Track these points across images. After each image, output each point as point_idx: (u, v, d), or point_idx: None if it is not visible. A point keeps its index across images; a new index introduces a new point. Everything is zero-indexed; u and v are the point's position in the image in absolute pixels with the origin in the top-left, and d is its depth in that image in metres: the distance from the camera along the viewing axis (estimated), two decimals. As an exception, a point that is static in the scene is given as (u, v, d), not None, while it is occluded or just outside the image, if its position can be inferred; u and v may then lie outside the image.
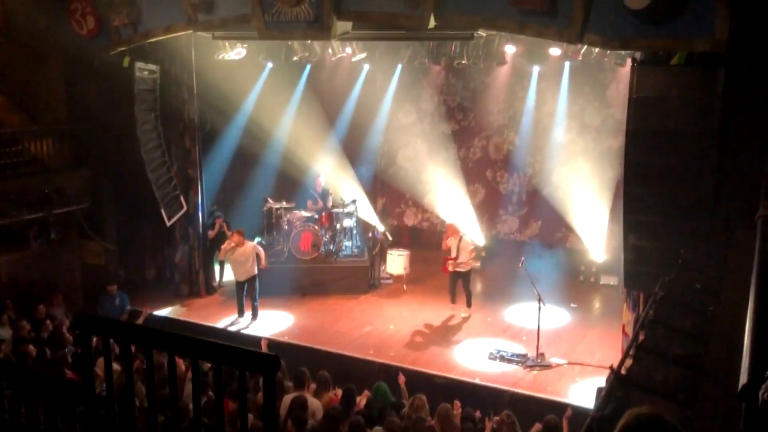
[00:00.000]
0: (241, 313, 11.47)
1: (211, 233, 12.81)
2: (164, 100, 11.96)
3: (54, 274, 12.18)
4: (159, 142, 11.83)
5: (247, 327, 11.30)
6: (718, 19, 6.90)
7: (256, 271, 11.45)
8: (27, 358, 8.16)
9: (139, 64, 11.13)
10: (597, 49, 10.16)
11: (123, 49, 10.95)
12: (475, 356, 10.04)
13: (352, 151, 15.39)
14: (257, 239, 13.79)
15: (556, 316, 11.24)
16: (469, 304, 11.69)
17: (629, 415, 1.81)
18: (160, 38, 10.60)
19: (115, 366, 5.93)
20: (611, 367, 5.35)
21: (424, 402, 7.50)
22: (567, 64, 12.77)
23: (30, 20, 11.62)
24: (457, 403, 7.82)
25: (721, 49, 7.08)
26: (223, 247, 11.57)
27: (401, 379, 8.55)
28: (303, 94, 14.96)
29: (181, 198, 12.28)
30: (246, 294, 11.45)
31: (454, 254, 11.54)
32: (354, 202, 13.81)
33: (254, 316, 11.43)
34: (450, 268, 11.62)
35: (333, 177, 14.25)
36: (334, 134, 15.20)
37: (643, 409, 1.85)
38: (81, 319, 3.33)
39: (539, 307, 9.91)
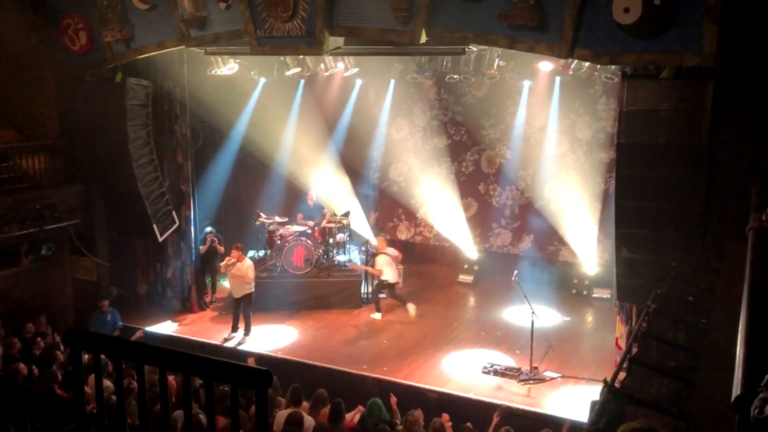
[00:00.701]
0: (234, 328, 11.41)
1: (202, 249, 12.78)
2: (156, 115, 11.95)
3: (45, 290, 12.11)
4: (151, 158, 11.80)
5: (240, 343, 11.23)
6: (706, 33, 6.98)
7: (252, 289, 11.43)
8: (17, 376, 8.08)
9: (131, 80, 11.14)
10: (587, 64, 10.24)
11: (115, 65, 10.97)
12: (469, 370, 10.01)
13: (348, 165, 15.42)
14: (250, 253, 13.79)
15: (549, 329, 11.22)
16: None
17: (623, 430, 1.82)
18: (153, 54, 10.63)
19: (107, 383, 5.90)
20: (605, 381, 5.35)
21: (416, 418, 7.47)
22: (558, 78, 12.86)
23: (22, 36, 11.63)
24: (446, 416, 7.80)
25: (710, 63, 7.16)
26: (222, 263, 11.55)
27: (393, 400, 8.49)
28: (298, 110, 15.00)
29: (174, 213, 12.24)
30: (241, 310, 11.41)
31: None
32: (347, 214, 13.82)
33: (247, 331, 11.37)
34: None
35: (329, 191, 14.22)
36: (330, 149, 15.23)
37: (637, 423, 1.86)
38: (72, 335, 3.30)
39: (532, 321, 9.91)
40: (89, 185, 12.27)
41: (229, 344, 11.23)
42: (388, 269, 12.41)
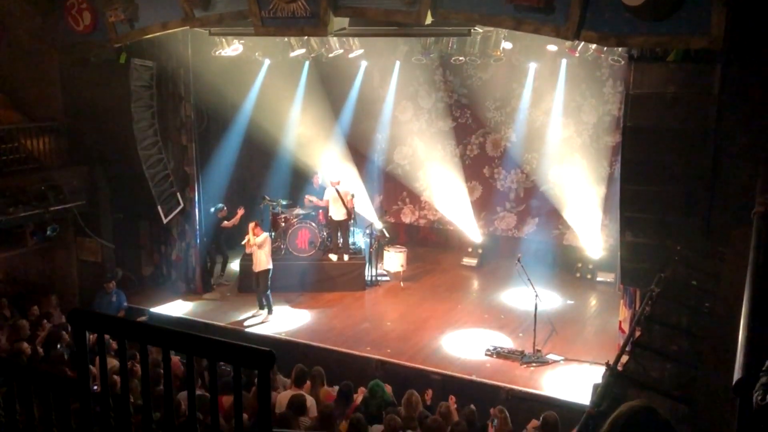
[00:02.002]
0: (260, 305, 11.58)
1: (228, 223, 12.96)
2: (161, 96, 11.92)
3: (50, 271, 12.16)
4: (156, 139, 11.79)
5: (263, 322, 11.33)
6: (714, 16, 6.91)
7: (268, 265, 11.52)
8: (22, 356, 8.14)
9: (135, 61, 11.09)
10: (594, 46, 10.16)
11: (119, 45, 10.93)
12: (472, 352, 10.05)
13: (353, 147, 15.38)
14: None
15: (552, 312, 11.24)
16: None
17: (622, 407, 1.83)
18: (157, 34, 10.58)
19: (113, 362, 5.94)
20: (607, 364, 5.36)
21: (418, 398, 7.52)
22: (564, 60, 12.78)
23: (26, 17, 11.59)
24: (452, 398, 7.85)
25: (718, 46, 7.09)
26: (245, 242, 11.71)
27: (388, 388, 8.46)
28: (303, 92, 14.95)
29: (178, 195, 12.25)
30: (258, 287, 11.53)
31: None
32: (352, 197, 13.82)
33: (269, 310, 11.50)
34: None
35: (334, 173, 14.16)
36: (336, 131, 15.18)
37: (637, 402, 1.86)
38: (76, 315, 3.32)
39: (535, 304, 9.94)
40: (94, 167, 12.28)
41: (252, 322, 11.31)
42: (333, 206, 12.72)
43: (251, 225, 11.60)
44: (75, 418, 3.76)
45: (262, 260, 11.46)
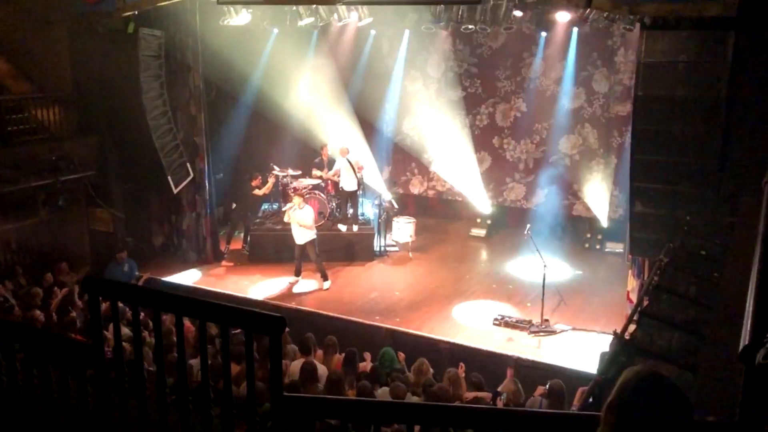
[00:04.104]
0: (298, 272, 11.71)
1: (265, 189, 13.04)
2: (169, 66, 11.90)
3: (63, 241, 12.27)
4: (165, 109, 11.79)
5: (325, 289, 11.49)
6: (728, -18, 6.81)
7: (314, 235, 11.57)
8: (35, 323, 8.25)
9: (143, 30, 11.04)
10: (605, 14, 10.02)
11: (128, 14, 10.87)
12: (480, 322, 10.12)
13: (362, 118, 15.30)
14: (264, 206, 13.87)
15: (561, 283, 11.26)
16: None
17: (627, 373, 1.85)
18: (165, 3, 10.53)
19: (127, 330, 6.03)
20: (615, 332, 5.41)
21: (428, 367, 7.60)
22: (575, 29, 12.62)
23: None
24: (462, 365, 7.93)
25: (732, 12, 7.00)
26: (285, 209, 11.77)
27: (401, 356, 8.57)
28: (312, 61, 14.86)
29: (188, 165, 12.28)
30: (310, 258, 11.56)
31: None
32: (361, 167, 13.80)
33: (324, 277, 11.58)
34: None
35: (343, 143, 14.13)
36: (344, 101, 15.10)
37: (641, 367, 1.89)
38: (89, 282, 3.38)
39: (544, 274, 9.96)
40: (104, 137, 12.32)
41: (296, 288, 11.54)
42: (346, 174, 12.73)
43: (297, 194, 11.64)
44: (91, 383, 3.83)
45: (308, 232, 11.46)
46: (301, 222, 11.35)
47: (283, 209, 11.87)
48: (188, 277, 12.21)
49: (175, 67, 12.07)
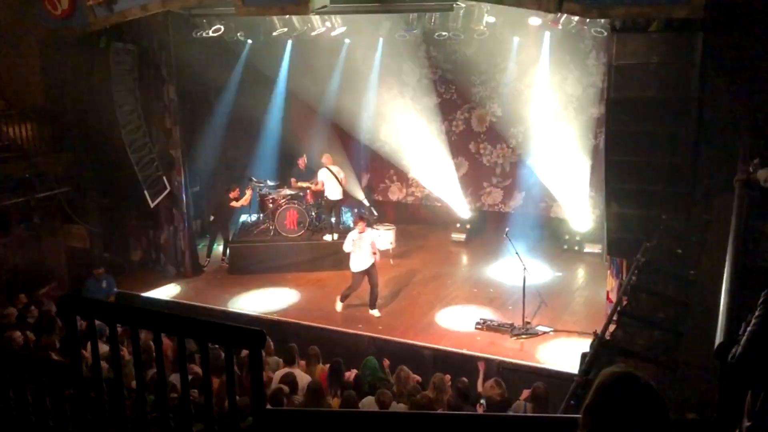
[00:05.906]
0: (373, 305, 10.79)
1: (245, 200, 13.07)
2: (143, 80, 11.81)
3: (39, 259, 12.09)
4: (139, 123, 11.70)
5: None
6: (694, -16, 6.92)
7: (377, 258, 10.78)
8: (12, 344, 8.11)
9: (116, 44, 10.96)
10: (576, 18, 10.13)
11: (99, 29, 10.78)
12: (462, 326, 10.14)
13: (339, 126, 15.32)
14: (243, 218, 13.82)
15: (541, 285, 11.32)
16: None
17: (603, 375, 1.87)
18: (137, 17, 10.43)
19: (105, 348, 5.95)
20: (595, 333, 5.44)
21: (408, 373, 7.61)
22: (547, 33, 12.72)
23: (3, 3, 11.38)
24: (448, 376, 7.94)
25: (699, 14, 7.11)
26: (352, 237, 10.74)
27: (386, 362, 8.58)
28: (287, 71, 14.84)
29: (164, 179, 12.19)
30: (368, 280, 10.73)
31: None
32: (344, 175, 13.79)
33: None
34: None
35: (320, 154, 14.11)
36: (321, 110, 15.10)
37: (617, 368, 1.90)
38: (65, 301, 3.33)
39: (524, 277, 10.01)
40: (78, 152, 12.17)
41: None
42: (329, 183, 12.74)
43: (360, 220, 10.86)
44: (69, 404, 3.78)
45: (372, 256, 10.67)
46: (374, 245, 10.70)
47: (351, 238, 10.71)
48: (167, 292, 12.09)
49: (149, 81, 11.98)
